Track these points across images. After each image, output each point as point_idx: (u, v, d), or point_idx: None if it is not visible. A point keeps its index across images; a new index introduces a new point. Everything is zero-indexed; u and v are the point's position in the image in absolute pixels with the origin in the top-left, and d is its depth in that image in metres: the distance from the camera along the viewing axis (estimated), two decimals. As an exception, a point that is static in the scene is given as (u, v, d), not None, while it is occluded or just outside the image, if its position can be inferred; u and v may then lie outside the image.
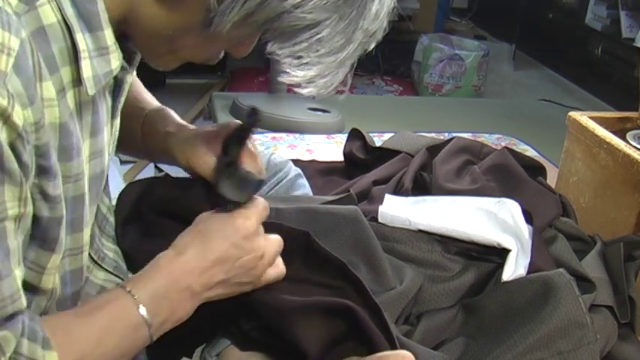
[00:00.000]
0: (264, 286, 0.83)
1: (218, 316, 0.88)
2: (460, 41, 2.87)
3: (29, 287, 0.66)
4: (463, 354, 0.95)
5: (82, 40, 0.63)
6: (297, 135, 2.02)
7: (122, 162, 1.87)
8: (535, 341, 0.92)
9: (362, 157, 1.57)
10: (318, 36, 0.65)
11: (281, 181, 1.12)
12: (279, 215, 0.98)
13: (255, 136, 1.95)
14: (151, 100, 0.97)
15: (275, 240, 0.82)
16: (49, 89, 0.60)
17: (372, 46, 0.70)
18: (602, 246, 1.20)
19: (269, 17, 0.64)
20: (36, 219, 0.63)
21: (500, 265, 1.08)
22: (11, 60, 0.54)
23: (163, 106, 0.96)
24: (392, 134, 1.63)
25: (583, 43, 2.83)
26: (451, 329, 1.02)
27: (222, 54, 0.76)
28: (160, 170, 1.59)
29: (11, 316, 0.59)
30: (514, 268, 1.07)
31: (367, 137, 1.61)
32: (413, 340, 0.93)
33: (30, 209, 0.60)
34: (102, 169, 0.74)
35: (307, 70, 0.68)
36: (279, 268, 0.83)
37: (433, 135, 1.77)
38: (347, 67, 0.70)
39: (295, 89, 0.70)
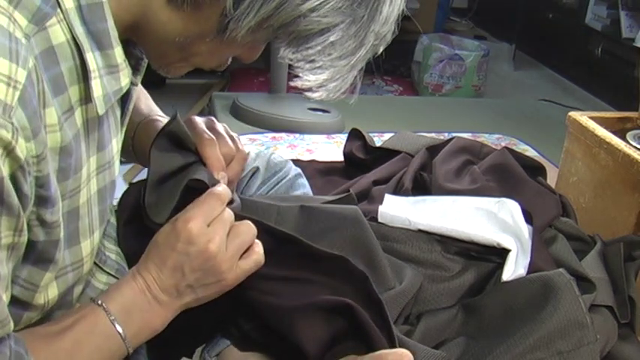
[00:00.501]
0: (262, 286, 0.83)
1: (218, 316, 0.88)
2: (460, 41, 2.86)
3: (21, 304, 0.66)
4: (463, 354, 0.95)
5: (92, 60, 0.62)
6: (297, 135, 2.02)
7: (122, 162, 1.86)
8: (535, 341, 0.92)
9: (362, 157, 1.57)
10: (331, 39, 0.65)
11: (281, 180, 1.12)
12: (280, 214, 0.98)
13: (254, 136, 1.96)
14: (144, 109, 0.95)
15: (240, 230, 0.78)
16: (51, 115, 0.59)
17: (382, 49, 0.70)
18: (602, 246, 1.20)
19: (285, 22, 0.63)
20: (32, 243, 0.62)
21: (500, 265, 1.08)
22: (17, 93, 0.53)
23: (152, 117, 0.94)
24: (392, 134, 1.63)
25: (583, 43, 2.83)
26: (451, 329, 1.02)
27: (230, 59, 0.75)
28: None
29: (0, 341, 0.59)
30: (514, 268, 1.07)
31: (367, 137, 1.61)
32: (413, 340, 0.93)
33: (24, 239, 0.60)
34: (112, 180, 0.74)
35: (319, 74, 0.67)
36: (253, 257, 0.78)
37: (433, 135, 1.77)
38: (357, 70, 0.70)
39: (306, 93, 0.70)
